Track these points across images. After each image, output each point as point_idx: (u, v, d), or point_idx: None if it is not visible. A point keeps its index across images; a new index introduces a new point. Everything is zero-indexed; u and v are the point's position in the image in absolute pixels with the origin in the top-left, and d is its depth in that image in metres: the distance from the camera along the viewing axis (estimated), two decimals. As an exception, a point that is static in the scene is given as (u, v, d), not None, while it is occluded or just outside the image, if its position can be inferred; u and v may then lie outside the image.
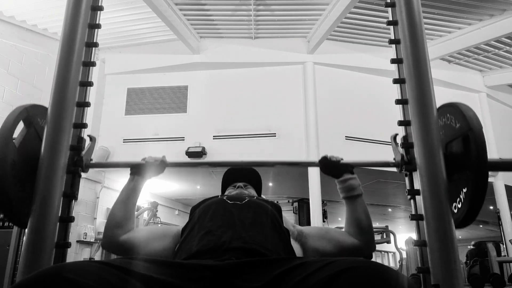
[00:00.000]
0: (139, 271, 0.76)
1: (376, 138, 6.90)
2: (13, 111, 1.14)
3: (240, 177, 1.54)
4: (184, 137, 6.87)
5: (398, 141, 1.32)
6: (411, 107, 1.21)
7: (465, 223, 1.11)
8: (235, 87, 7.17)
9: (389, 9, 1.38)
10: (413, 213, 1.18)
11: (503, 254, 7.84)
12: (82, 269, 0.69)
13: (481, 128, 1.07)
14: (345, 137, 6.62)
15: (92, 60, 1.32)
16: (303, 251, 1.27)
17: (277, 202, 1.37)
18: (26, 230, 1.10)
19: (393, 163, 1.31)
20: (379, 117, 6.52)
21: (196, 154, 6.64)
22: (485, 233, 14.88)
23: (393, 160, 1.31)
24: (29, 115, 1.19)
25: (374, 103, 6.89)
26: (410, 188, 1.25)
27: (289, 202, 9.57)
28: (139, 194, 1.39)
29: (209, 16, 6.75)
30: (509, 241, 7.37)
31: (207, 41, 7.39)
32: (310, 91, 6.89)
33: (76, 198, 1.22)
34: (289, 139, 6.78)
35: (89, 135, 1.33)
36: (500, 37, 6.81)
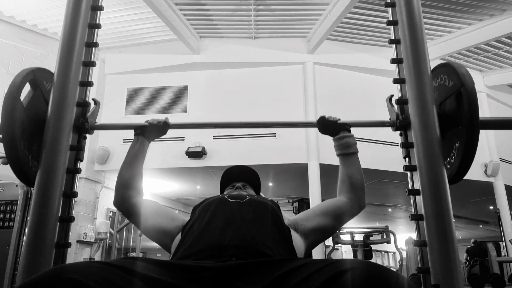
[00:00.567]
0: (141, 271, 0.76)
1: (376, 138, 6.90)
2: (20, 72, 1.17)
3: (238, 177, 1.54)
4: (184, 137, 6.86)
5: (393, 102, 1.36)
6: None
7: (458, 176, 1.15)
8: (235, 87, 7.17)
9: (389, 9, 1.38)
10: (413, 213, 1.18)
11: (503, 254, 7.84)
12: (84, 269, 0.69)
13: (473, 84, 1.11)
14: (345, 137, 6.61)
15: (92, 60, 1.32)
16: (305, 237, 1.27)
17: (277, 202, 1.37)
18: (26, 230, 1.10)
19: (388, 123, 1.34)
20: (379, 117, 6.51)
21: (196, 154, 6.64)
22: (485, 233, 14.89)
23: (389, 119, 1.35)
24: (36, 77, 1.22)
25: (374, 103, 6.89)
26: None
27: (289, 202, 9.57)
28: (145, 155, 1.42)
29: (209, 16, 6.75)
30: (509, 241, 7.37)
31: (207, 41, 7.39)
32: (310, 91, 6.89)
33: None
34: (289, 139, 6.78)
35: (94, 99, 1.38)
36: (500, 37, 6.81)
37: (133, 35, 7.13)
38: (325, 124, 1.43)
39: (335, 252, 8.20)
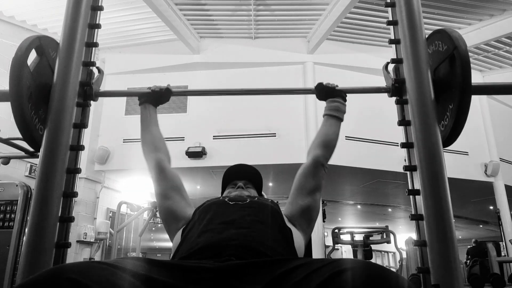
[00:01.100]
0: (140, 271, 0.76)
1: (376, 138, 6.90)
2: (26, 39, 1.19)
3: (240, 175, 1.54)
4: (184, 137, 6.86)
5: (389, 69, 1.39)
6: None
7: (452, 137, 1.18)
8: (235, 87, 7.15)
9: (389, 9, 1.38)
10: (413, 213, 1.18)
11: (503, 254, 7.84)
12: (84, 269, 0.68)
13: (465, 46, 1.13)
14: (345, 137, 6.62)
15: (92, 60, 1.32)
16: (302, 229, 1.28)
17: (277, 202, 1.37)
18: (26, 230, 1.11)
19: (384, 89, 1.37)
20: (379, 117, 6.51)
21: (196, 154, 6.64)
22: (485, 233, 14.88)
23: (384, 86, 1.37)
24: (41, 44, 1.24)
25: (374, 103, 6.89)
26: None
27: (288, 199, 9.56)
28: (156, 118, 1.49)
29: (209, 16, 6.75)
30: (509, 241, 7.37)
31: (207, 41, 7.39)
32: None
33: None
34: (289, 139, 6.78)
35: (97, 67, 1.41)
36: (500, 37, 6.81)
37: (133, 35, 7.13)
38: (323, 89, 1.47)
39: (335, 252, 8.20)
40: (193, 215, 1.27)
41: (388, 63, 1.40)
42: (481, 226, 13.57)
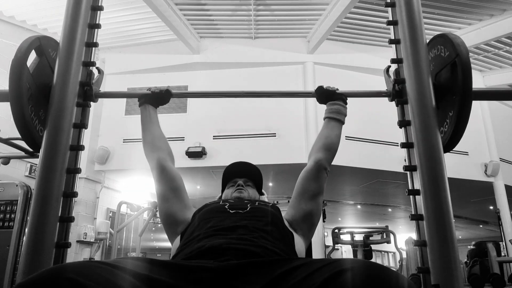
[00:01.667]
0: (140, 271, 0.76)
1: (376, 138, 6.90)
2: (26, 39, 1.19)
3: (240, 173, 1.54)
4: (184, 137, 6.86)
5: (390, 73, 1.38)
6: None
7: (452, 143, 1.18)
8: (235, 87, 7.16)
9: (389, 9, 1.38)
10: (413, 213, 1.18)
11: (503, 254, 7.83)
12: (84, 269, 0.68)
13: (467, 54, 1.14)
14: (345, 137, 6.62)
15: (92, 60, 1.32)
16: (302, 234, 1.28)
17: (277, 202, 1.37)
18: (26, 230, 1.10)
19: (385, 93, 1.37)
20: (379, 117, 6.51)
21: (196, 154, 6.64)
22: (485, 233, 14.87)
23: (385, 90, 1.37)
24: (41, 44, 1.24)
25: (374, 103, 6.88)
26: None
27: (289, 202, 9.56)
28: (156, 118, 1.50)
29: (209, 16, 6.75)
30: (509, 241, 7.37)
31: (207, 41, 7.39)
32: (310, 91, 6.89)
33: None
34: (289, 139, 6.78)
35: (97, 67, 1.41)
36: (500, 37, 6.81)
37: (133, 35, 7.13)
38: (323, 92, 1.47)
39: (335, 252, 8.20)
40: (192, 218, 1.26)
41: (389, 66, 1.39)
42: (481, 226, 13.56)
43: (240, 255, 0.95)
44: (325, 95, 1.47)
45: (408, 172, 1.22)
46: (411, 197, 1.19)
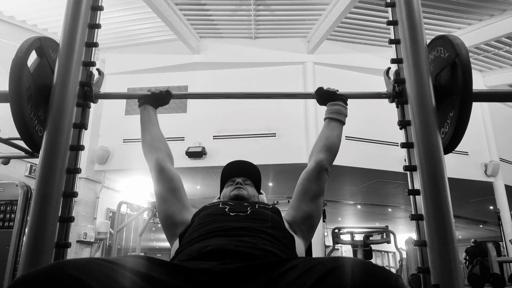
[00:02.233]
0: (142, 270, 0.76)
1: (376, 138, 6.90)
2: (26, 40, 1.19)
3: (239, 172, 1.54)
4: (184, 137, 6.86)
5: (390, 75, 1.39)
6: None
7: (453, 144, 1.18)
8: (235, 87, 7.17)
9: (389, 9, 1.38)
10: (413, 213, 1.18)
11: (503, 254, 7.84)
12: (84, 266, 0.67)
13: (467, 53, 1.13)
14: (345, 137, 6.62)
15: (92, 60, 1.32)
16: (303, 236, 1.28)
17: (277, 202, 1.37)
18: (26, 230, 1.10)
19: (385, 94, 1.37)
20: (379, 118, 6.52)
21: (196, 154, 6.64)
22: (485, 233, 14.88)
23: (385, 91, 1.37)
24: (42, 45, 1.24)
25: (374, 103, 6.89)
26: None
27: (289, 202, 9.56)
28: (156, 118, 1.50)
29: (209, 16, 6.75)
30: (509, 241, 7.37)
31: (207, 41, 7.39)
32: (310, 91, 6.84)
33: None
34: (289, 139, 6.78)
35: (98, 69, 1.42)
36: (500, 37, 6.81)
37: (133, 35, 7.13)
38: (323, 93, 1.47)
39: (335, 252, 8.20)
40: (192, 220, 1.25)
41: (389, 68, 1.39)
42: (481, 226, 13.56)
43: (240, 258, 0.95)
44: (325, 96, 1.47)
45: (408, 172, 1.22)
46: (411, 197, 1.19)
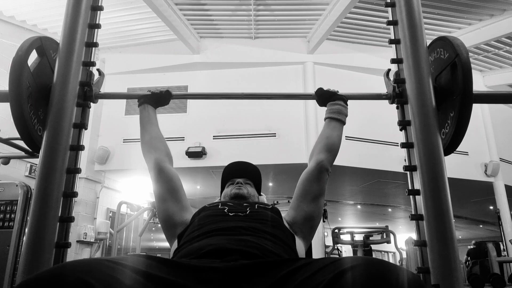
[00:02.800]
0: (147, 270, 0.75)
1: (376, 138, 6.90)
2: (27, 39, 1.19)
3: (239, 173, 1.54)
4: (184, 137, 6.86)
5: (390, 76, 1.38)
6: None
7: (453, 145, 1.18)
8: (235, 87, 7.17)
9: (389, 9, 1.38)
10: (413, 213, 1.18)
11: (503, 254, 7.83)
12: (88, 267, 0.67)
13: (467, 54, 1.13)
14: (345, 137, 6.62)
15: (92, 60, 1.32)
16: (303, 237, 1.28)
17: (277, 202, 1.37)
18: (26, 230, 1.10)
19: (385, 95, 1.36)
20: (379, 118, 6.51)
21: (196, 154, 6.64)
22: (485, 233, 14.87)
23: (385, 92, 1.37)
24: (43, 44, 1.24)
25: (374, 103, 6.89)
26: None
27: (289, 202, 9.56)
28: (155, 118, 1.50)
29: (209, 16, 6.75)
30: (509, 241, 7.37)
31: (207, 41, 7.39)
32: (310, 91, 6.86)
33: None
34: (289, 139, 6.78)
35: (98, 69, 1.42)
36: (500, 37, 6.81)
37: (133, 35, 7.13)
38: (323, 94, 1.46)
39: (335, 252, 8.19)
40: (191, 220, 1.25)
41: (389, 70, 1.39)
42: (481, 226, 13.56)
43: (242, 257, 0.94)
44: (325, 97, 1.47)
45: (408, 172, 1.22)
46: (411, 197, 1.19)
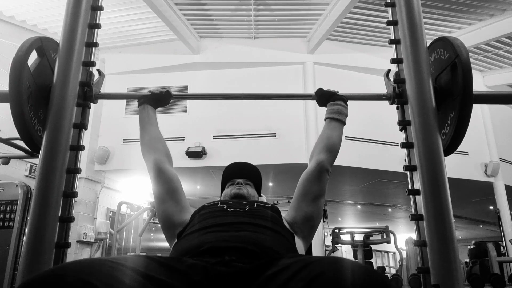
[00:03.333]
0: (144, 270, 0.75)
1: (376, 138, 6.90)
2: (27, 40, 1.19)
3: (240, 173, 1.54)
4: (184, 137, 6.86)
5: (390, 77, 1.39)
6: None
7: (453, 145, 1.18)
8: (235, 87, 7.17)
9: (389, 9, 1.38)
10: (413, 213, 1.18)
11: (503, 254, 7.83)
12: (89, 267, 0.67)
13: (467, 54, 1.13)
14: (345, 137, 6.60)
15: (92, 60, 1.32)
16: (302, 236, 1.28)
17: (277, 202, 1.37)
18: (26, 230, 1.10)
19: (385, 96, 1.37)
20: (379, 118, 6.51)
21: (196, 154, 6.64)
22: (485, 233, 14.87)
23: (385, 93, 1.38)
24: (43, 45, 1.24)
25: (374, 103, 6.88)
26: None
27: (289, 202, 9.55)
28: (155, 118, 1.50)
29: (209, 16, 6.75)
30: (509, 241, 7.37)
31: (207, 41, 7.39)
32: (310, 91, 6.88)
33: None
34: (289, 139, 6.78)
35: (98, 69, 1.42)
36: (500, 37, 6.81)
37: (133, 35, 7.13)
38: (323, 94, 1.46)
39: (335, 252, 8.19)
40: (190, 219, 1.25)
41: (389, 70, 1.39)
42: (481, 226, 13.56)
43: (239, 254, 0.94)
44: (325, 97, 1.47)
45: (408, 172, 1.22)
46: (411, 197, 1.19)
